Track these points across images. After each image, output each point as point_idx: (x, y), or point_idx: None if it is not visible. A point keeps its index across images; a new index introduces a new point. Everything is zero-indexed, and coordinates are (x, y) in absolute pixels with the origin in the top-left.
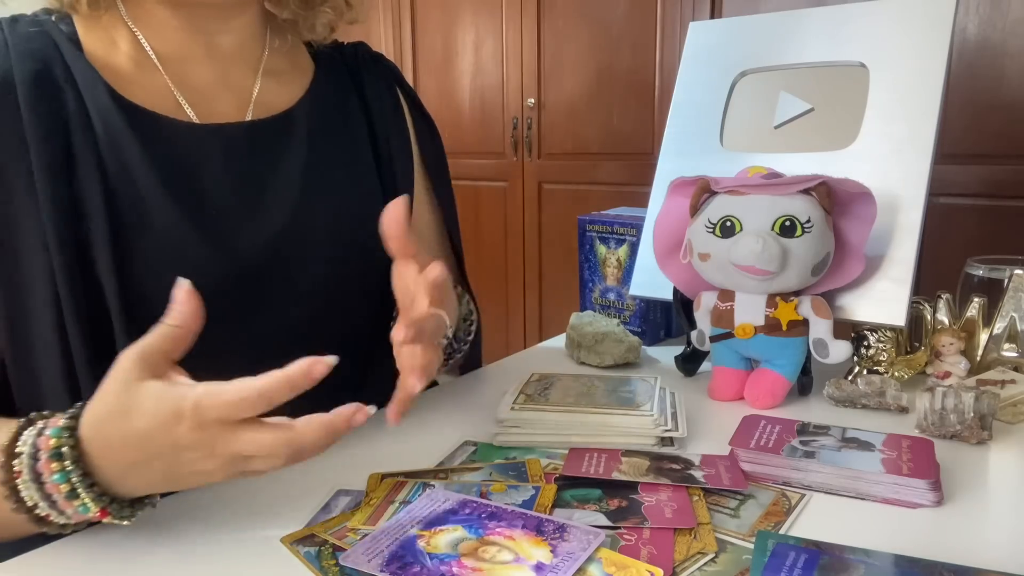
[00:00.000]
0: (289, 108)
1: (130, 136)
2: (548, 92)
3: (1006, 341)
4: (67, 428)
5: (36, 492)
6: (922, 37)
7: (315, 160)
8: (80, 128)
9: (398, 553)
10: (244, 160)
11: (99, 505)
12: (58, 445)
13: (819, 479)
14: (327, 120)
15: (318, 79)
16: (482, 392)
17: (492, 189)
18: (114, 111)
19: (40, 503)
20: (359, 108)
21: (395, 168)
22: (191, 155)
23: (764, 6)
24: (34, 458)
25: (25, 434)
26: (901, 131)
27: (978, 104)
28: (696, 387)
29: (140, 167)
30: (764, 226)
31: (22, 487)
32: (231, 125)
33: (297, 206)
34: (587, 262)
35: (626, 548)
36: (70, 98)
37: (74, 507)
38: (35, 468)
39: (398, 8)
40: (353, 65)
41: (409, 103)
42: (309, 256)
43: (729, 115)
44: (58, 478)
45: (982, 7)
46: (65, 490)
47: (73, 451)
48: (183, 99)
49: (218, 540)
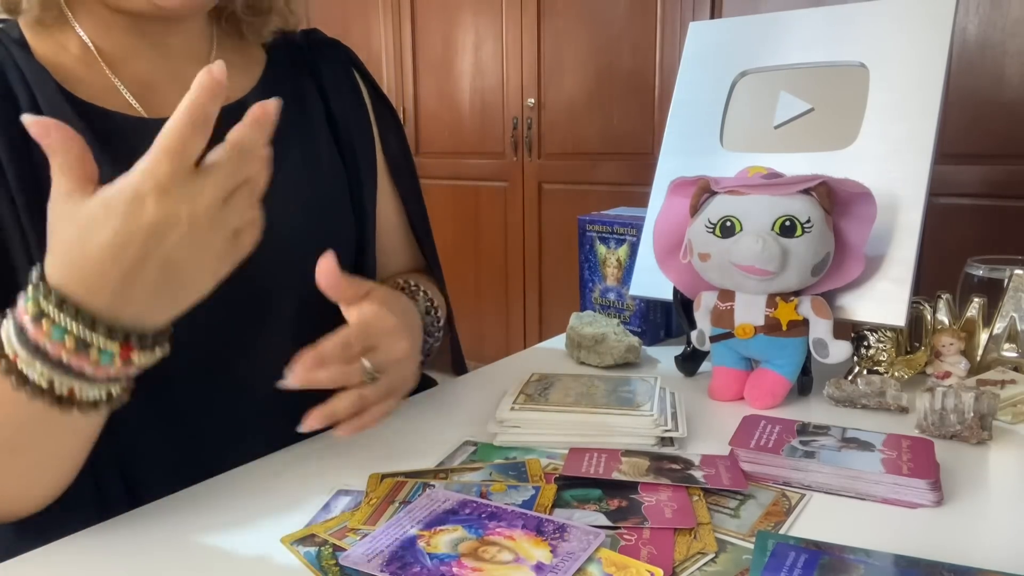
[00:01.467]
0: (240, 97)
1: (82, 130)
2: (548, 92)
3: (1006, 341)
4: (35, 287)
5: (43, 365)
6: (922, 37)
7: (271, 149)
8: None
9: (398, 553)
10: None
11: (116, 341)
12: (36, 308)
13: (819, 479)
14: (281, 108)
15: (270, 67)
16: (482, 392)
17: (492, 189)
18: (65, 106)
19: (54, 376)
20: (316, 93)
21: (356, 151)
22: (143, 149)
23: (764, 6)
24: (22, 333)
25: (2, 328)
26: (901, 131)
27: (978, 104)
28: (696, 387)
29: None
30: (764, 226)
31: (26, 368)
32: None
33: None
34: (587, 262)
35: (626, 548)
36: (23, 97)
37: (91, 360)
38: (28, 342)
39: (398, 8)
40: (307, 50)
41: (368, 86)
42: (270, 247)
43: (729, 115)
44: (56, 334)
45: (982, 7)
46: (71, 344)
47: (55, 301)
48: (130, 95)
49: (218, 540)
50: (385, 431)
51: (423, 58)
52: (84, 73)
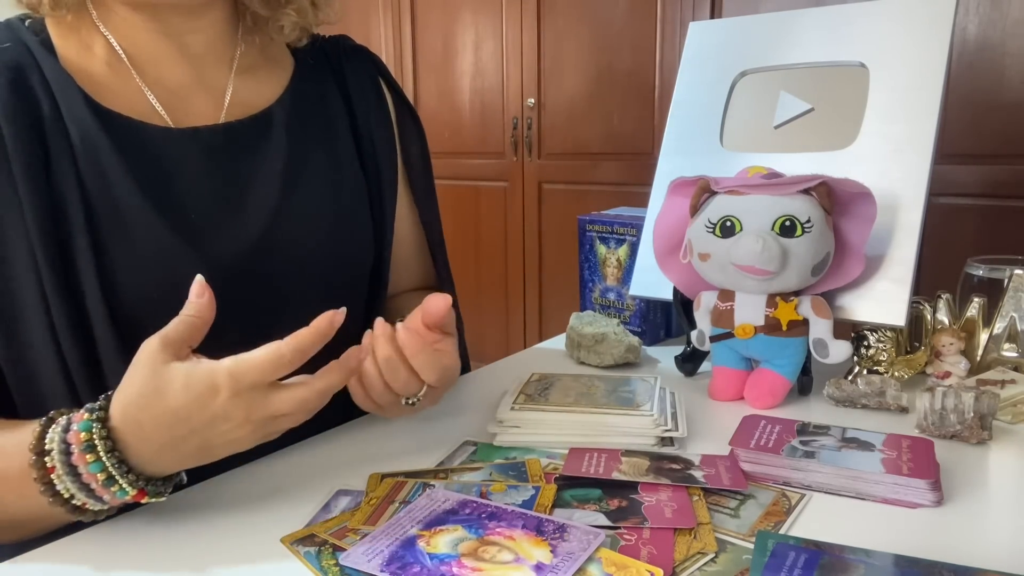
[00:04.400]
0: (267, 107)
1: (106, 142)
2: (548, 92)
3: (1006, 341)
4: (97, 420)
5: (72, 484)
6: (922, 37)
7: (295, 162)
8: (56, 134)
9: (398, 553)
10: (223, 164)
11: (136, 488)
12: (89, 438)
13: (819, 479)
14: (307, 118)
15: (297, 75)
16: (482, 392)
17: (492, 189)
18: (88, 117)
19: (77, 494)
20: (341, 103)
21: (379, 165)
22: (168, 161)
23: (764, 6)
24: (66, 453)
25: (51, 432)
26: (901, 131)
27: (978, 104)
28: (696, 387)
29: (117, 173)
30: (764, 226)
31: (57, 482)
32: (207, 128)
33: (278, 210)
34: (587, 262)
35: (626, 548)
36: (46, 105)
37: (111, 492)
38: (69, 462)
39: (398, 8)
40: (335, 58)
41: (394, 96)
42: (292, 261)
43: (729, 115)
44: (94, 467)
45: (982, 7)
46: (102, 478)
47: (106, 441)
48: (156, 102)
49: (218, 540)
50: (385, 431)
51: (423, 58)
52: (110, 78)
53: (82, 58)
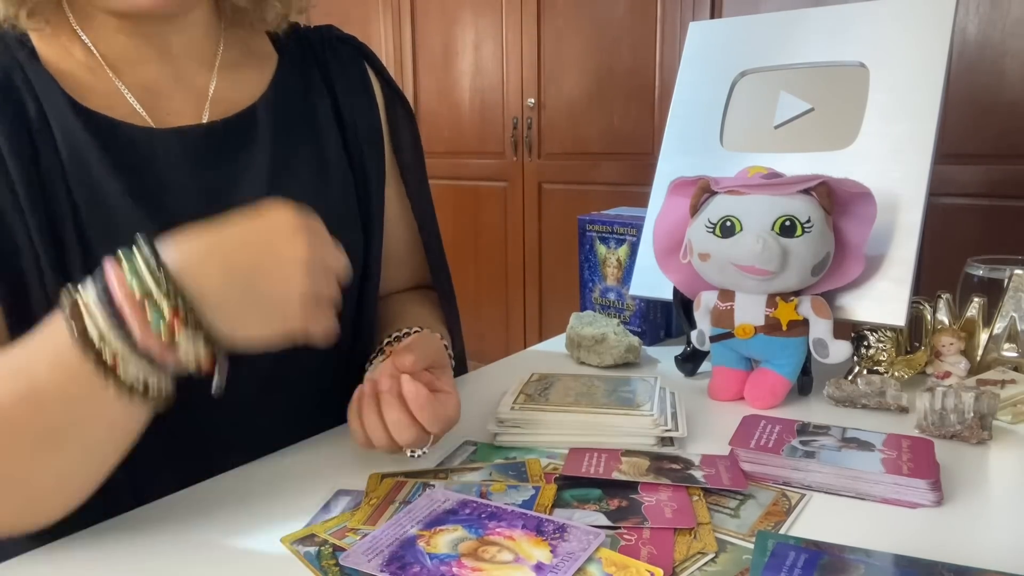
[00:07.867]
0: (250, 104)
1: (89, 142)
2: (548, 92)
3: (1006, 341)
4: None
5: (102, 314)
6: (922, 37)
7: (280, 159)
8: (43, 132)
9: (398, 553)
10: (207, 163)
11: (170, 304)
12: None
13: (819, 479)
14: (292, 113)
15: (280, 69)
16: (482, 392)
17: (492, 189)
18: (71, 116)
19: (107, 333)
20: (325, 91)
21: (364, 155)
22: (152, 161)
23: (764, 6)
24: (115, 315)
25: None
26: (901, 131)
27: (978, 104)
28: (696, 387)
29: (101, 173)
30: (764, 226)
31: (86, 315)
32: (191, 128)
33: None
34: (587, 262)
35: (626, 548)
36: (31, 106)
37: (145, 312)
38: (123, 326)
39: (398, 8)
40: (319, 48)
41: (382, 83)
42: None
43: (729, 115)
44: (154, 318)
45: (982, 7)
46: (138, 288)
47: (152, 257)
48: (136, 102)
49: (218, 540)
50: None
51: (423, 58)
52: (90, 80)
53: (62, 60)
